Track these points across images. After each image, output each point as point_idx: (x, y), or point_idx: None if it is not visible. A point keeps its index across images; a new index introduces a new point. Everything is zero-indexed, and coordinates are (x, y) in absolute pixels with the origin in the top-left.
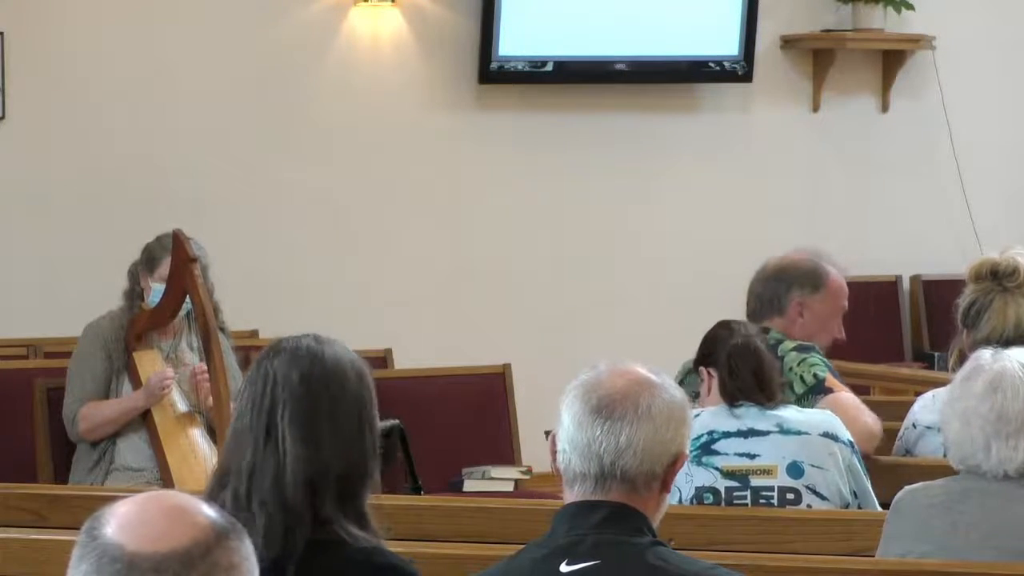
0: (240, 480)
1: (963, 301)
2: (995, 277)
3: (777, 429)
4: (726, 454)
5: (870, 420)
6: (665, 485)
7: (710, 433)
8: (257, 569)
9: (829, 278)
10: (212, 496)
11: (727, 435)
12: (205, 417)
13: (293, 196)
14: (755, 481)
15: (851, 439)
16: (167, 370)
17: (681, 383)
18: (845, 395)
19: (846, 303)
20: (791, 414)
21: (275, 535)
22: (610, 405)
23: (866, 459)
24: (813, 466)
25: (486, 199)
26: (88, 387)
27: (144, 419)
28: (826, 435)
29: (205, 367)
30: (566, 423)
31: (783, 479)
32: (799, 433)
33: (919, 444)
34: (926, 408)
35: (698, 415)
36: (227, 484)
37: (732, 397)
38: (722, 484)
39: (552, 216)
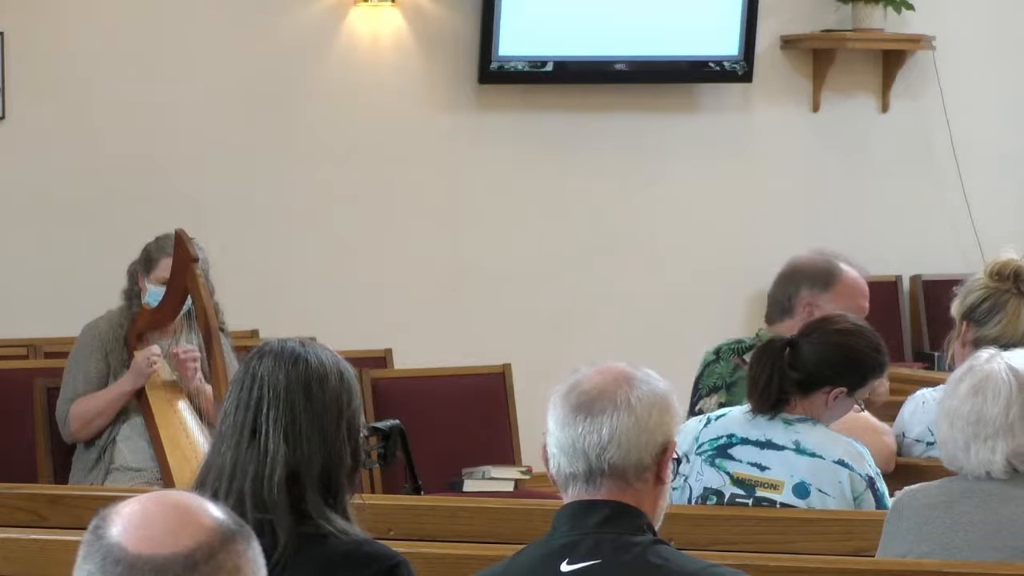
0: (221, 478)
1: (971, 295)
2: (1017, 279)
3: (793, 447)
4: (739, 460)
5: (889, 439)
6: (659, 477)
7: (729, 436)
8: (265, 571)
9: (841, 275)
10: None
11: (745, 442)
12: (194, 401)
13: (293, 196)
14: (760, 492)
15: (872, 474)
16: (153, 347)
17: (700, 376)
18: (858, 415)
19: (864, 303)
20: (814, 435)
21: (256, 531)
22: (589, 402)
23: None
24: (820, 491)
25: (486, 199)
26: (80, 388)
27: (145, 418)
28: (840, 463)
29: (189, 348)
30: (552, 428)
31: (788, 496)
32: (813, 455)
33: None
34: (915, 418)
35: (723, 415)
36: (207, 482)
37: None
38: (729, 490)
39: (552, 216)
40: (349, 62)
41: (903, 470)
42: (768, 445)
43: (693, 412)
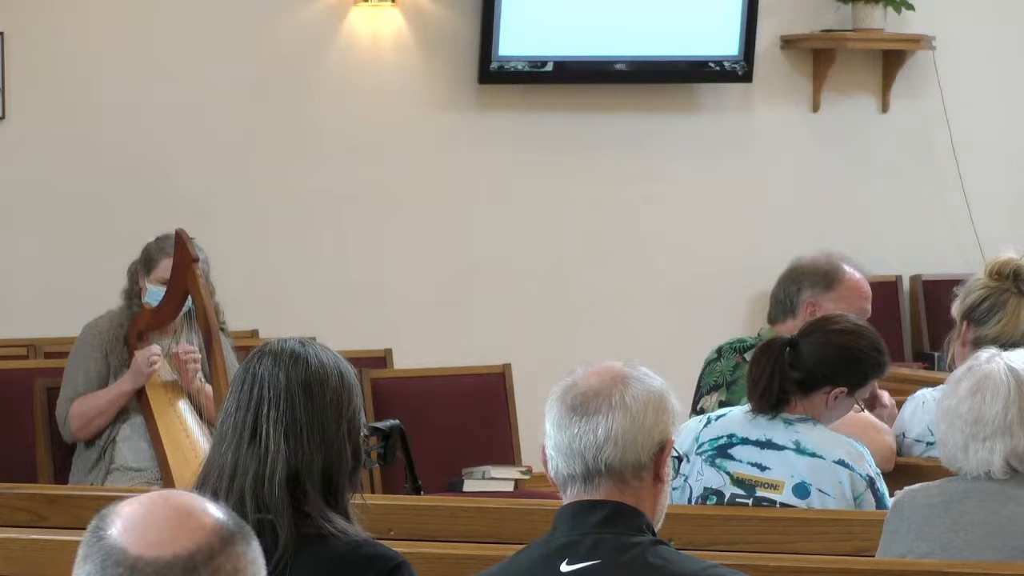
0: (221, 478)
1: (972, 295)
2: (1016, 278)
3: (793, 447)
4: (740, 460)
5: (889, 439)
6: (658, 476)
7: (730, 436)
8: (264, 572)
9: (843, 276)
10: None
11: (745, 442)
12: (194, 401)
13: (293, 196)
14: (760, 492)
15: (872, 474)
16: (153, 346)
17: (702, 374)
18: (858, 415)
19: (867, 305)
20: (814, 435)
21: (257, 531)
22: (585, 402)
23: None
24: (820, 491)
25: (486, 199)
26: (80, 388)
27: (145, 418)
28: (840, 463)
29: (189, 348)
30: (549, 429)
31: (788, 497)
32: (813, 455)
33: (911, 454)
34: (915, 418)
35: (723, 415)
36: (208, 483)
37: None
38: (729, 490)
39: (552, 216)
40: (349, 62)
41: (903, 470)
42: (768, 445)
43: (695, 411)
